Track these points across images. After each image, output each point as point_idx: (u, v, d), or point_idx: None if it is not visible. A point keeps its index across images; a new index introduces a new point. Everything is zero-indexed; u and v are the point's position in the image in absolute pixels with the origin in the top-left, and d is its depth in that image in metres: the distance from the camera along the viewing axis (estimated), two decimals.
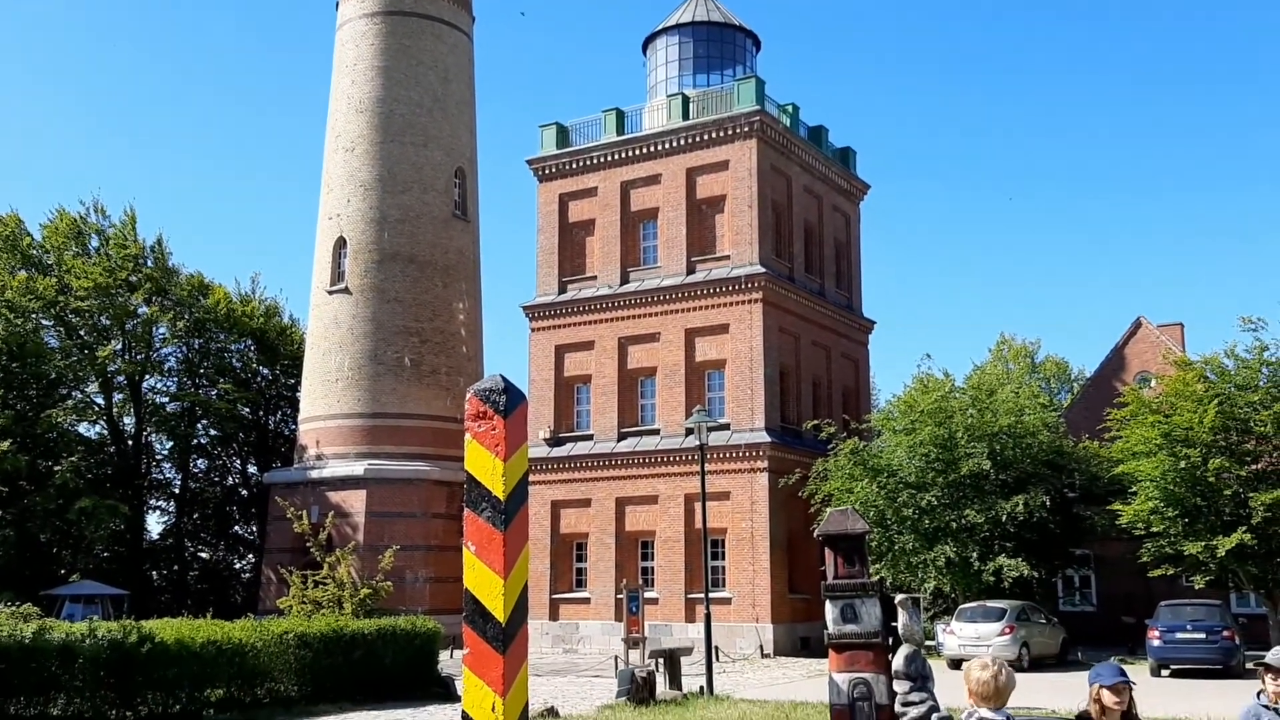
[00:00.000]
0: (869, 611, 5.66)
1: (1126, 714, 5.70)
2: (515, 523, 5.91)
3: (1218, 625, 24.14)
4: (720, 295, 36.02)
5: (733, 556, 34.57)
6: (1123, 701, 5.65)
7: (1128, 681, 5.69)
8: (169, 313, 47.35)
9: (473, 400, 6.08)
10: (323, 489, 41.40)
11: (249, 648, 18.34)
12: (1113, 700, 5.66)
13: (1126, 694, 5.67)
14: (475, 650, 5.76)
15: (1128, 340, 40.04)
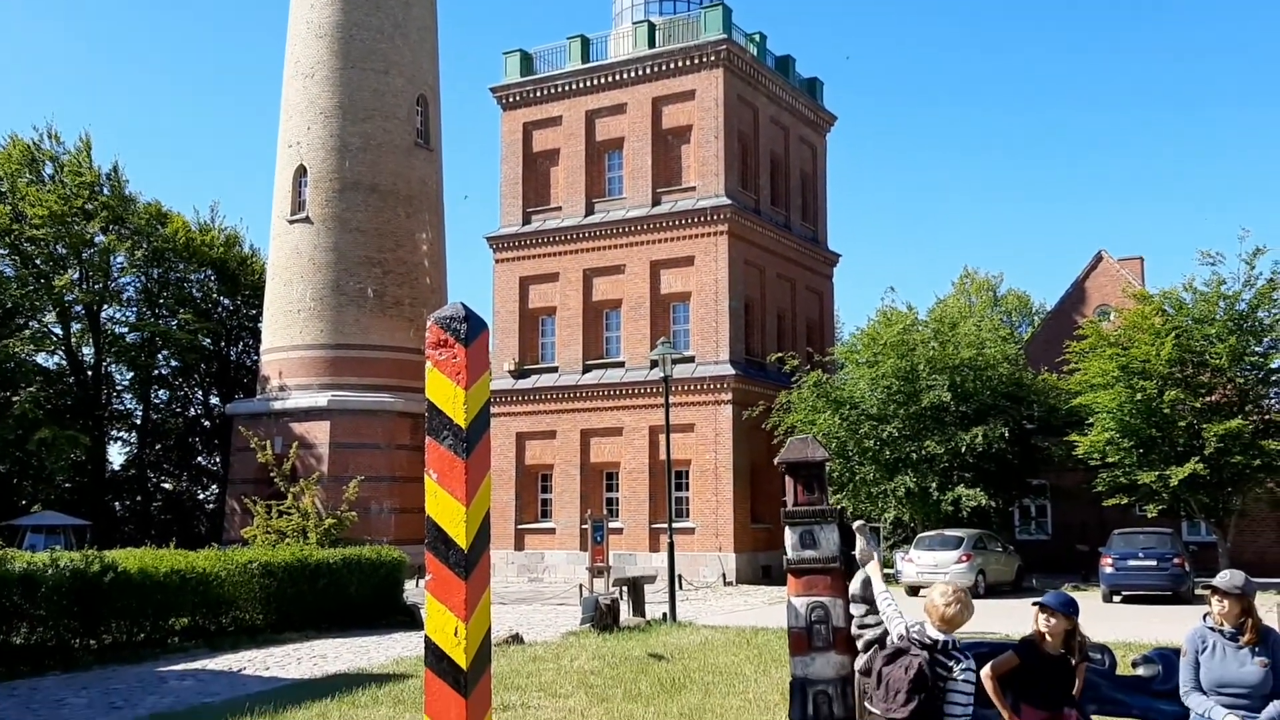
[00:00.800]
0: (827, 537, 5.73)
1: (1070, 637, 5.84)
2: (477, 451, 5.91)
3: (1169, 553, 24.70)
4: (686, 227, 35.89)
5: (696, 487, 34.88)
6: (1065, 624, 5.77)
7: (1068, 611, 5.82)
8: (126, 241, 46.62)
9: (433, 328, 6.04)
10: (286, 420, 41.24)
11: (213, 577, 18.34)
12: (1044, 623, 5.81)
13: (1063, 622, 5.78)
14: (438, 576, 5.79)
15: (1088, 274, 40.39)
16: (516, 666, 14.11)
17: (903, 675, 4.82)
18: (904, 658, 4.90)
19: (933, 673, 4.84)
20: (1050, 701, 5.80)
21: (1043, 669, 5.82)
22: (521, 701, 11.40)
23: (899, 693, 4.80)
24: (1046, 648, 5.86)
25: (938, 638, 5.02)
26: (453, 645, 5.71)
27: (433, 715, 5.72)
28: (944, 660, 4.93)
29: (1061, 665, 5.84)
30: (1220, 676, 5.90)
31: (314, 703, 11.78)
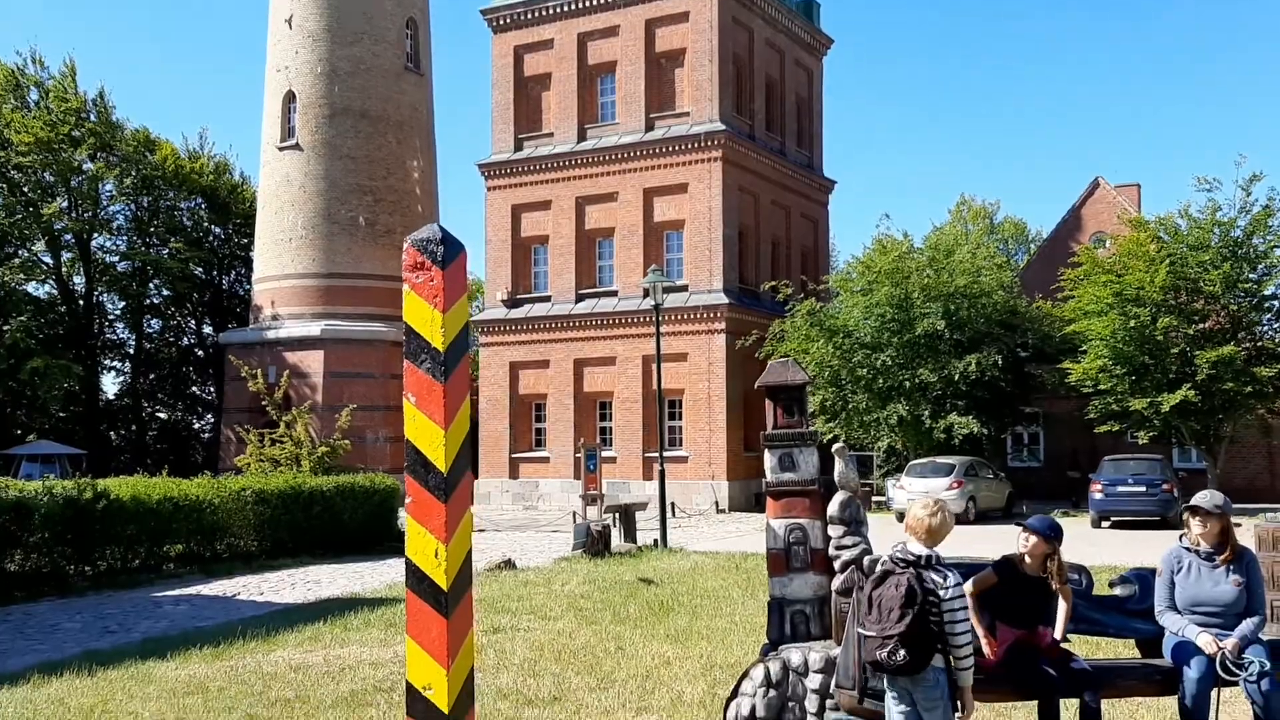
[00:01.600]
0: (806, 460, 5.72)
1: (1048, 560, 5.87)
2: (455, 374, 5.87)
3: (1158, 479, 24.87)
4: (679, 153, 35.55)
5: (689, 416, 34.99)
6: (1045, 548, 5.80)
7: (1048, 534, 5.84)
8: (115, 169, 46.14)
9: (410, 251, 5.96)
10: (280, 349, 41.23)
11: (206, 504, 18.42)
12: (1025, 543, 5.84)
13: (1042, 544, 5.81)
14: (418, 499, 5.78)
15: (1085, 201, 40.15)
16: (508, 590, 14.24)
17: (894, 593, 4.83)
18: (892, 577, 4.91)
19: (922, 588, 4.85)
20: (1026, 620, 5.85)
21: (1020, 588, 5.86)
22: (512, 624, 11.52)
23: (892, 610, 4.80)
24: (1025, 568, 5.90)
25: (921, 552, 5.03)
26: (433, 567, 5.72)
27: (414, 636, 5.75)
28: (932, 575, 4.95)
29: (1039, 586, 5.88)
30: (1195, 595, 5.95)
31: (307, 626, 11.89)
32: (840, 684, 5.42)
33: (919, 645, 4.77)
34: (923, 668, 4.81)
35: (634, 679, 8.50)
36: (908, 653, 4.77)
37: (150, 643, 11.38)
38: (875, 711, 5.35)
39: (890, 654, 4.77)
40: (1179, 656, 5.85)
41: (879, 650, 4.81)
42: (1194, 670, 5.70)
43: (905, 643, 4.75)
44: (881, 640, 4.80)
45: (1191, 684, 5.69)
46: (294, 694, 8.34)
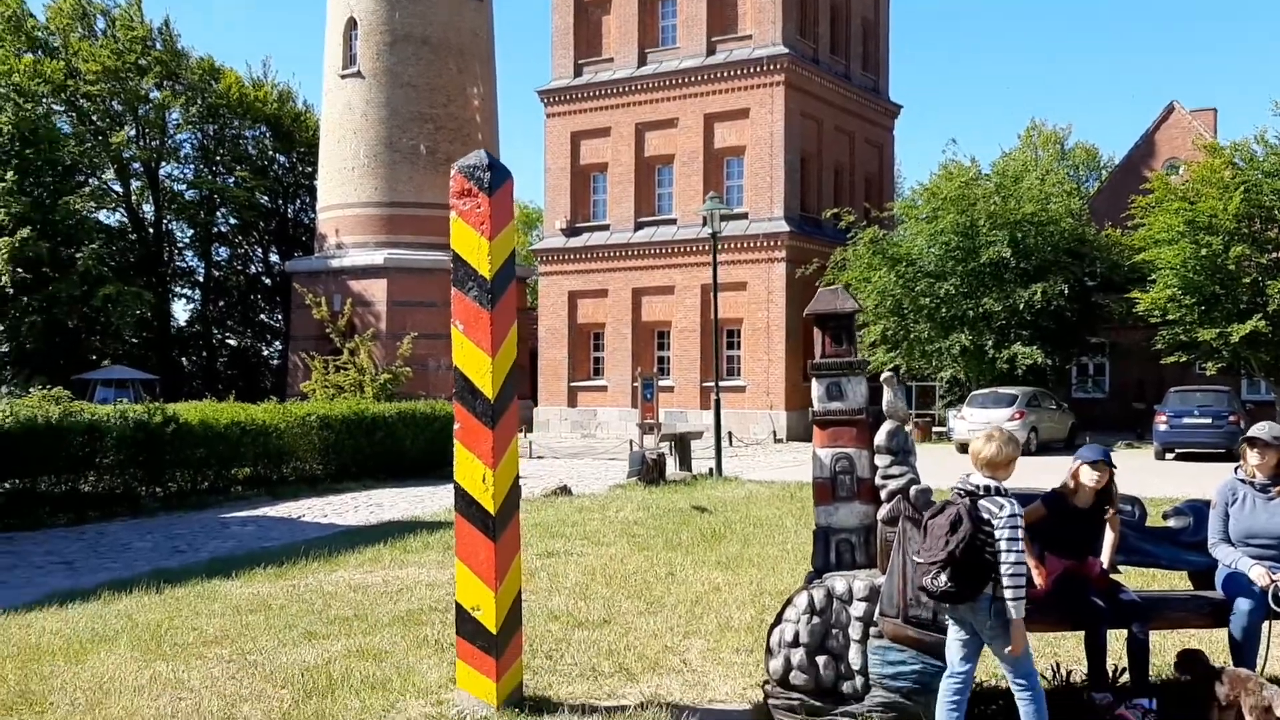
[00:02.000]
0: (854, 389, 5.67)
1: (1104, 491, 5.81)
2: (502, 302, 5.92)
3: (1224, 410, 24.37)
4: (741, 78, 35.02)
5: (748, 346, 34.90)
6: (1100, 480, 5.74)
7: (1108, 463, 5.77)
8: (180, 98, 46.61)
9: (457, 177, 5.99)
10: (344, 278, 41.66)
11: (273, 429, 18.84)
12: (1091, 477, 5.76)
13: (1104, 474, 5.75)
14: (466, 425, 5.87)
15: (1159, 125, 38.93)
16: (563, 516, 14.43)
17: (943, 522, 4.84)
18: (948, 508, 4.91)
19: (973, 518, 4.83)
20: (1075, 551, 5.80)
21: (1070, 520, 5.81)
22: (565, 548, 11.68)
23: (939, 538, 4.81)
24: (1076, 500, 5.83)
25: (981, 483, 5.01)
26: (481, 491, 5.83)
27: (463, 558, 5.88)
28: (988, 505, 4.92)
29: (1089, 517, 5.82)
30: (1249, 527, 5.85)
31: (368, 547, 12.16)
32: (884, 612, 5.44)
33: (966, 573, 4.75)
34: (972, 596, 4.80)
35: (683, 604, 8.60)
36: (951, 579, 4.75)
37: (217, 562, 11.73)
38: (919, 639, 5.37)
39: (933, 579, 4.79)
40: (1231, 589, 5.77)
41: (924, 576, 4.84)
42: (1245, 602, 5.63)
43: (948, 569, 4.74)
44: (927, 566, 4.82)
45: (1242, 616, 5.62)
46: (353, 612, 8.56)
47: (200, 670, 6.87)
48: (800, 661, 5.53)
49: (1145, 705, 5.45)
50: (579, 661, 6.86)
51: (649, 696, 6.06)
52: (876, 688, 5.43)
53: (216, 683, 6.54)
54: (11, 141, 40.27)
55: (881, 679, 5.42)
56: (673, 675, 6.56)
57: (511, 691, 5.84)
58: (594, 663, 6.81)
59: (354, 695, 6.12)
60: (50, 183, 41.61)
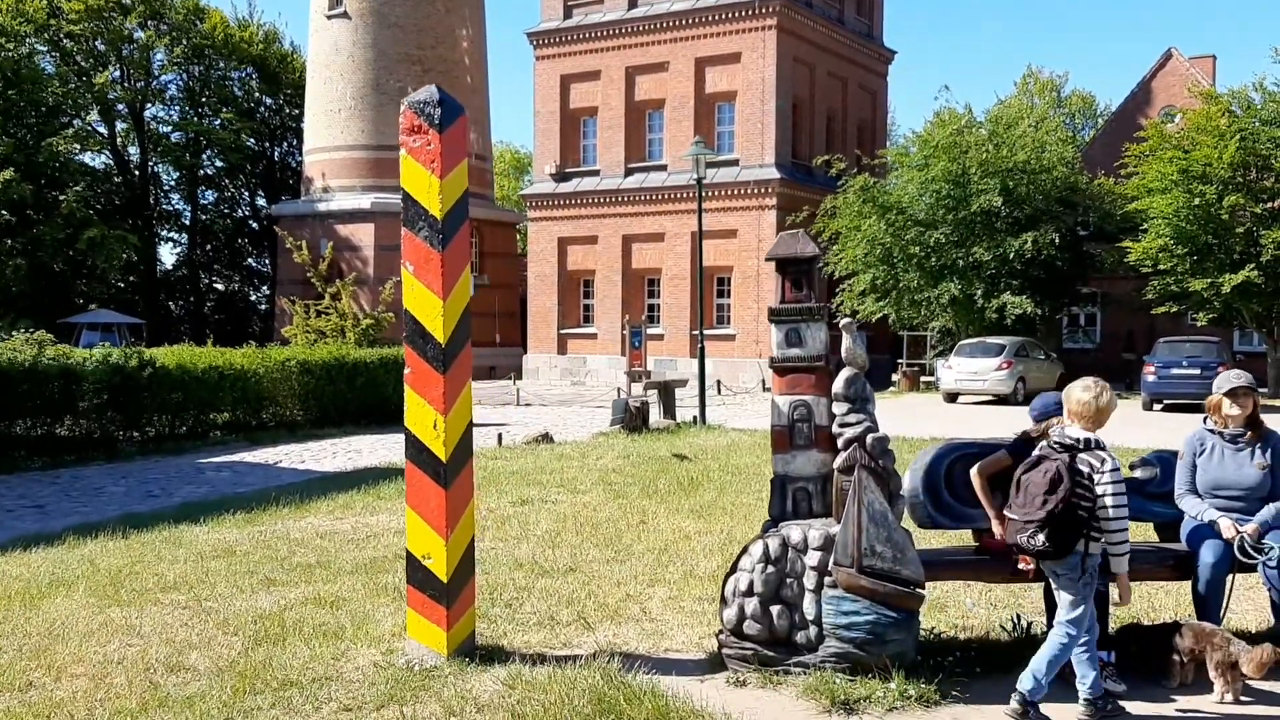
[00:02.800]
0: (814, 336, 5.53)
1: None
2: (454, 243, 5.73)
3: (1213, 361, 24.25)
4: (732, 21, 34.51)
5: (738, 294, 34.72)
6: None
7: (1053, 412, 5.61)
8: (165, 38, 45.90)
9: (407, 114, 5.79)
10: (330, 222, 41.31)
11: (251, 374, 18.71)
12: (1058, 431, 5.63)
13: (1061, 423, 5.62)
14: (416, 370, 5.72)
15: (1155, 73, 38.44)
16: (542, 464, 14.33)
17: (1041, 479, 4.81)
18: (1044, 463, 4.87)
19: (1072, 475, 4.74)
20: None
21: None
22: (540, 496, 11.59)
23: (1036, 496, 4.80)
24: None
25: (1081, 436, 4.91)
26: (432, 438, 5.69)
27: (414, 506, 5.75)
28: (1089, 459, 4.85)
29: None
30: (1217, 478, 5.74)
31: (340, 494, 12.07)
32: (839, 561, 5.33)
33: (1061, 531, 4.76)
34: (1066, 553, 4.81)
35: (651, 552, 8.52)
36: (1048, 538, 4.76)
37: (188, 507, 11.63)
38: (872, 589, 5.27)
39: (1030, 538, 4.79)
40: (1195, 540, 5.67)
41: (1019, 534, 4.83)
42: (1210, 554, 5.53)
43: (1046, 528, 4.75)
44: (1023, 524, 4.81)
45: (1206, 569, 5.52)
46: (316, 559, 8.46)
47: (154, 616, 6.77)
48: (754, 611, 5.43)
49: (1103, 658, 5.36)
50: (538, 610, 6.77)
51: (604, 646, 5.96)
52: (830, 638, 5.33)
53: (168, 629, 6.45)
54: None
55: (835, 629, 5.32)
56: (631, 624, 6.47)
57: (463, 641, 5.74)
58: (553, 611, 6.73)
59: (305, 643, 6.02)
60: (33, 124, 41.10)
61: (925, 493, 5.83)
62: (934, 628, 6.07)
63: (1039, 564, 5.01)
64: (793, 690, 5.24)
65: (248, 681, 5.37)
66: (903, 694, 5.06)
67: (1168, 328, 31.28)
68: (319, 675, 5.48)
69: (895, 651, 5.26)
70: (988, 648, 5.80)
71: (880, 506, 5.32)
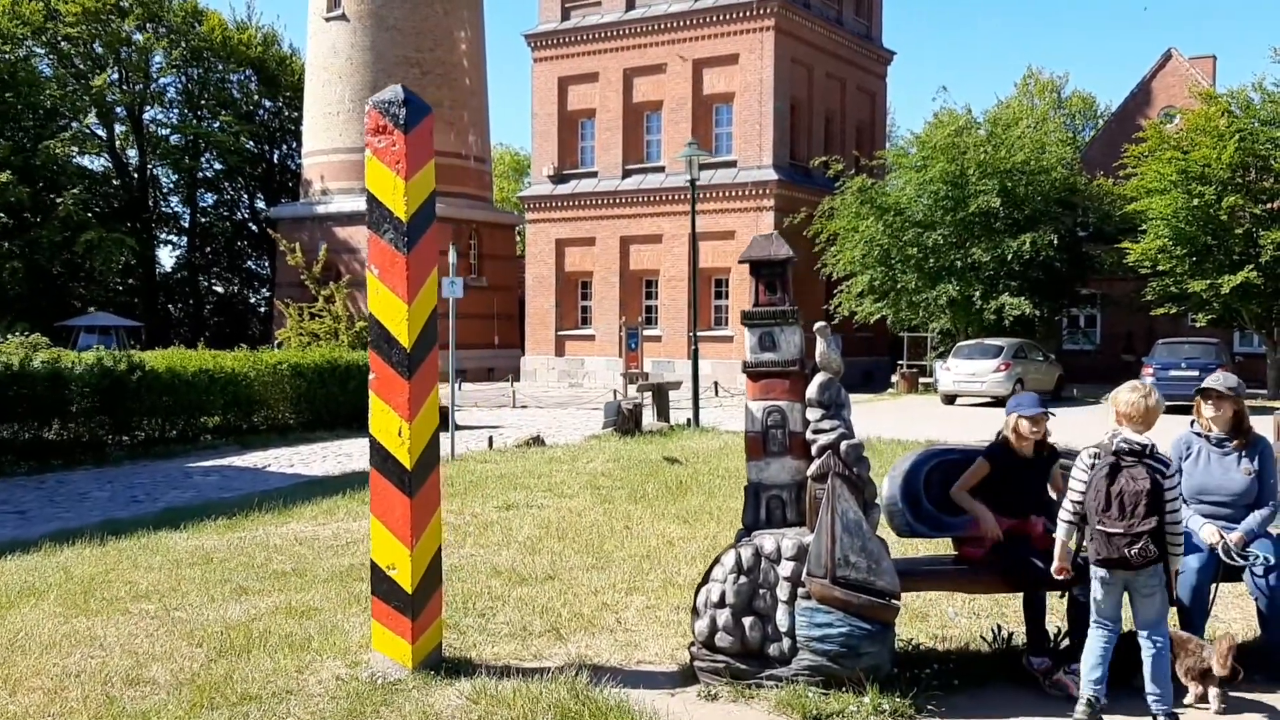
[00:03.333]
0: (788, 340, 5.41)
1: (1041, 443, 5.57)
2: (420, 245, 5.61)
3: (1212, 363, 24.07)
4: (730, 22, 34.37)
5: (736, 296, 34.56)
6: (1038, 431, 5.51)
7: (1045, 413, 5.53)
8: (163, 40, 45.83)
9: (371, 114, 5.66)
10: (329, 224, 41.19)
11: (242, 377, 18.59)
12: (1029, 429, 5.53)
13: (1042, 425, 5.52)
14: (381, 376, 5.59)
15: (1155, 73, 38.25)
16: (531, 467, 14.20)
17: (1137, 488, 4.76)
18: (1126, 471, 4.81)
19: (1155, 480, 4.79)
20: (1018, 509, 5.56)
21: (1012, 475, 5.56)
22: (526, 501, 11.46)
23: (1138, 506, 4.75)
24: (1018, 453, 5.59)
25: (1144, 441, 4.87)
26: (397, 445, 5.56)
27: (378, 514, 5.62)
28: (1156, 465, 4.85)
29: (1030, 472, 5.57)
30: (1203, 484, 5.61)
31: (325, 499, 11.95)
32: (812, 572, 5.19)
33: (1159, 538, 4.78)
34: (1162, 559, 4.82)
35: (633, 559, 8.38)
36: (1156, 545, 4.76)
37: (170, 512, 11.51)
38: (846, 600, 5.13)
39: (1142, 551, 4.73)
40: None
41: (1129, 547, 4.74)
42: (1194, 561, 5.39)
43: (1154, 538, 4.74)
44: (1130, 537, 4.73)
45: (1191, 574, 5.38)
46: (292, 567, 8.33)
47: (120, 627, 6.64)
48: (726, 623, 5.30)
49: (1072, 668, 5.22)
50: (511, 620, 6.63)
51: (575, 658, 5.83)
52: (804, 650, 5.20)
53: (132, 640, 6.32)
54: None
55: (809, 641, 5.18)
56: (605, 635, 6.34)
57: (430, 653, 5.61)
58: (526, 621, 6.59)
59: (269, 655, 5.89)
60: (30, 127, 41.02)
61: (904, 500, 5.70)
62: (913, 638, 5.94)
63: (1111, 575, 4.88)
64: (765, 704, 5.11)
65: (206, 695, 5.24)
66: (876, 709, 4.93)
67: (1168, 329, 31.11)
68: (280, 689, 5.35)
69: (869, 664, 5.12)
70: (968, 659, 5.67)
71: (854, 515, 5.19)
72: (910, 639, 5.90)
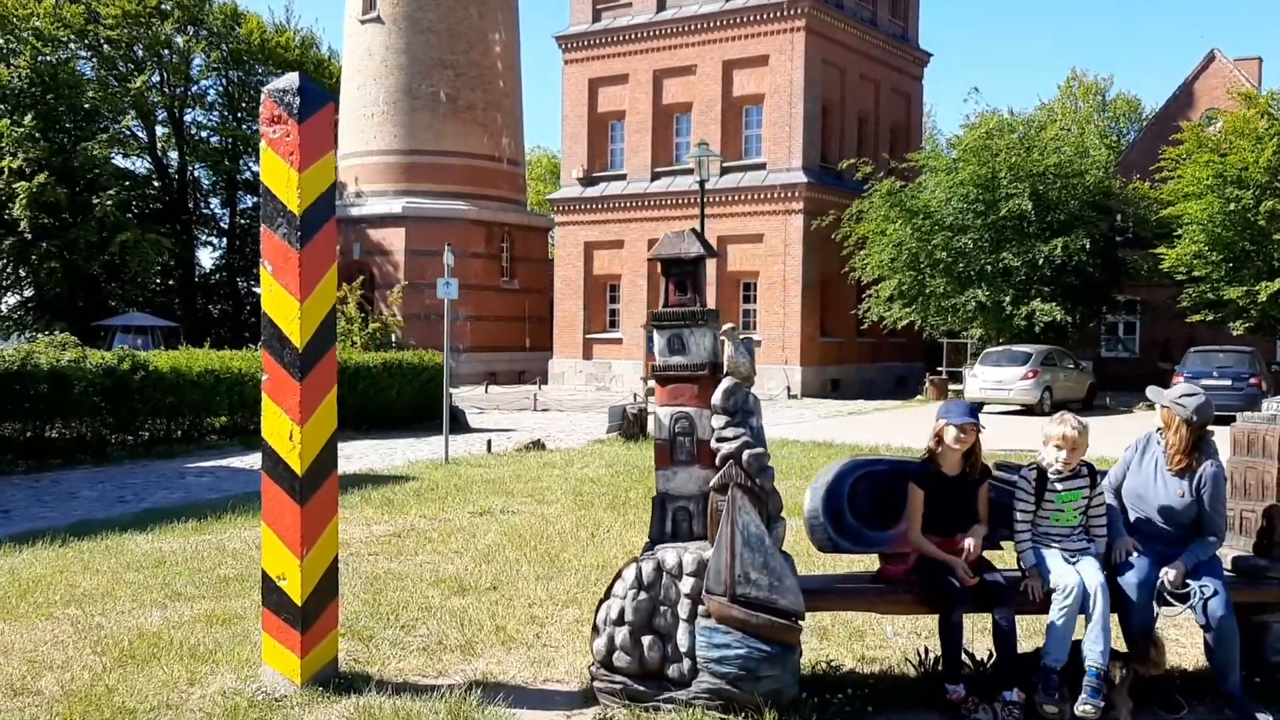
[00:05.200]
0: (698, 342, 5.11)
1: (969, 454, 5.22)
2: (315, 241, 5.38)
3: (1245, 372, 23.37)
4: (760, 23, 33.97)
5: (764, 300, 34.15)
6: (965, 441, 5.16)
7: (975, 423, 5.18)
8: (202, 42, 46.30)
9: (266, 103, 5.44)
10: (363, 226, 41.34)
11: (248, 377, 18.50)
12: (953, 437, 5.18)
13: (971, 435, 5.17)
14: (273, 377, 5.37)
15: (1198, 75, 37.26)
16: (522, 472, 13.98)
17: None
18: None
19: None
20: (946, 528, 5.21)
21: (939, 491, 5.21)
22: (503, 506, 11.23)
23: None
24: (942, 466, 5.24)
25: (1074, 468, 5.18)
26: (288, 450, 5.33)
27: (269, 522, 5.39)
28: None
29: (957, 486, 5.22)
30: (1145, 485, 5.26)
31: None
32: (710, 589, 4.89)
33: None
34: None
35: (586, 569, 8.11)
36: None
37: (150, 513, 11.40)
38: (744, 620, 4.82)
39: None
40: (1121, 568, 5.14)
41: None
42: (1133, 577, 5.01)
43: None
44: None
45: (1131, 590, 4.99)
46: (236, 572, 8.15)
47: (38, 633, 6.48)
48: (624, 641, 5.01)
49: (1006, 698, 4.87)
50: (433, 633, 6.38)
51: (481, 675, 5.57)
52: (703, 672, 4.90)
53: (38, 647, 6.14)
54: (31, 85, 40.21)
55: (707, 663, 4.88)
56: (523, 650, 6.07)
57: (323, 668, 5.37)
58: (445, 635, 6.32)
59: (167, 666, 5.68)
60: (71, 128, 41.56)
61: (826, 514, 5.36)
62: (832, 659, 5.61)
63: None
64: None
65: (81, 709, 5.04)
66: None
67: (1208, 337, 30.26)
68: (160, 703, 5.14)
69: (769, 689, 4.81)
70: (891, 684, 5.33)
71: (756, 529, 4.88)
72: (830, 659, 5.58)
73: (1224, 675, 4.97)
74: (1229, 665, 4.95)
